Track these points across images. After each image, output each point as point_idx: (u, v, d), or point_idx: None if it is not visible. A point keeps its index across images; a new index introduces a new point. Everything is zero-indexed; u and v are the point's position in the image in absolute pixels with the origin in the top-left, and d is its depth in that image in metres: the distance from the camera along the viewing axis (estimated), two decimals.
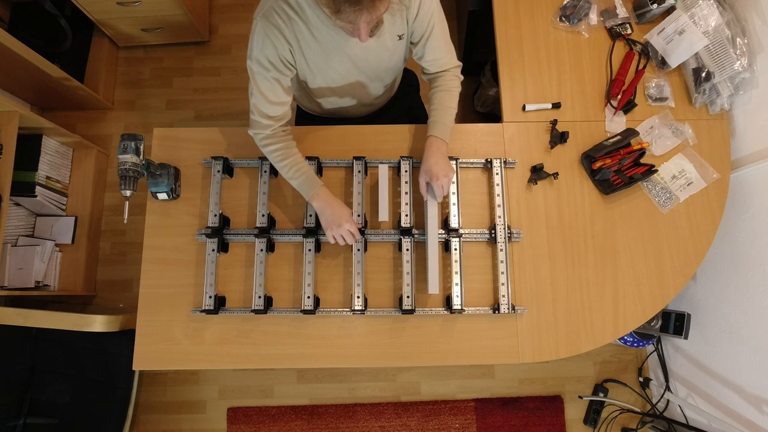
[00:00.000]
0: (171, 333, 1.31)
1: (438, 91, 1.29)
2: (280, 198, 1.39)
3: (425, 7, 1.12)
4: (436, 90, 1.30)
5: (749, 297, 1.51)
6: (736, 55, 1.39)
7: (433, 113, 1.29)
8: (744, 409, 1.57)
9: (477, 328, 1.32)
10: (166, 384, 2.10)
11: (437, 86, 1.30)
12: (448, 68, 1.29)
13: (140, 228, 1.37)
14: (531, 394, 2.10)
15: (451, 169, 1.26)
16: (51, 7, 1.95)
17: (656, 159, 1.44)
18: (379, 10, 0.92)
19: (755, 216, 1.47)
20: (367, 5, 0.89)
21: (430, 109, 1.30)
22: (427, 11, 1.14)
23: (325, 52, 1.13)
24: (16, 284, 1.90)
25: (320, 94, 1.30)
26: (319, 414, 2.05)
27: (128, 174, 1.14)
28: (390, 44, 1.18)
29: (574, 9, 1.51)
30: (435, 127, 1.27)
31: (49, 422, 1.79)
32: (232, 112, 2.33)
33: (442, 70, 1.29)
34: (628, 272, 1.37)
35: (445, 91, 1.29)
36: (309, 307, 1.28)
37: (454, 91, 1.30)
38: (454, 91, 1.29)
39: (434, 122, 1.27)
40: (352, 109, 1.42)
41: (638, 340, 1.88)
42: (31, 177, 1.91)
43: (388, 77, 1.33)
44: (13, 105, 1.72)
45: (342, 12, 0.90)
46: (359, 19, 0.92)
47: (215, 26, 2.42)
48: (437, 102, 1.29)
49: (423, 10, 1.12)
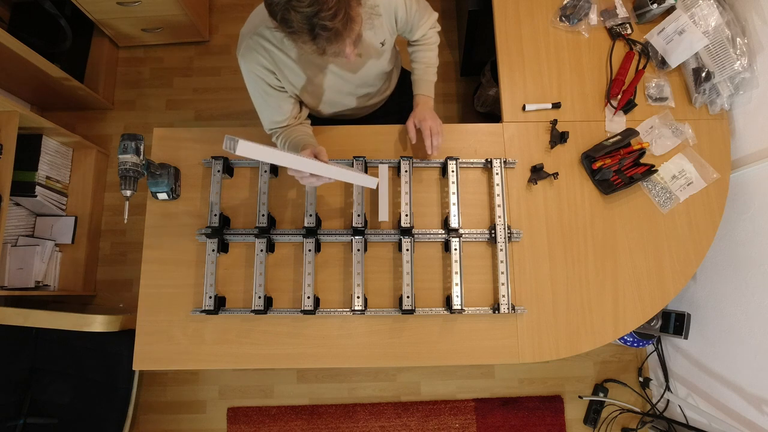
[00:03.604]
0: (171, 333, 1.31)
1: (420, 50, 1.34)
2: (280, 198, 1.39)
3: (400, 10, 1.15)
4: (417, 47, 1.34)
5: (749, 297, 1.51)
6: (736, 55, 1.39)
7: (418, 71, 1.35)
8: (744, 409, 1.57)
9: (477, 328, 1.32)
10: (166, 384, 2.10)
11: (420, 43, 1.33)
12: (426, 29, 1.32)
13: (140, 228, 1.37)
14: (531, 394, 2.10)
15: (437, 117, 1.32)
16: (51, 7, 1.94)
17: (656, 159, 1.44)
18: (355, 30, 0.92)
19: (755, 216, 1.47)
20: (344, 33, 0.89)
21: (414, 67, 1.36)
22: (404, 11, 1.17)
23: (308, 75, 1.17)
24: (16, 284, 1.90)
25: (314, 106, 1.32)
26: (319, 414, 2.05)
27: (128, 174, 1.14)
28: (372, 52, 1.19)
29: (574, 9, 1.51)
30: (421, 84, 1.35)
31: (49, 422, 1.80)
32: (232, 112, 2.33)
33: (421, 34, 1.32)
34: (628, 272, 1.37)
35: (427, 49, 1.34)
36: (309, 307, 1.28)
37: (435, 46, 1.35)
38: (434, 46, 1.35)
39: (420, 80, 1.35)
40: (351, 113, 1.43)
41: (638, 340, 1.88)
42: (31, 177, 1.91)
43: (379, 81, 1.34)
44: (13, 105, 1.72)
45: (327, 50, 0.92)
46: (343, 48, 0.93)
47: (215, 26, 2.42)
48: (420, 60, 1.35)
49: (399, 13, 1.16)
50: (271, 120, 1.24)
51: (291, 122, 1.26)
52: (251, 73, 1.14)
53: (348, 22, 0.88)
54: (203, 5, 2.32)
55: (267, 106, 1.22)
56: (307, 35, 0.87)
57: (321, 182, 1.12)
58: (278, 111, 1.22)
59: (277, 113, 1.23)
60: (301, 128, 1.27)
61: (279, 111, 1.22)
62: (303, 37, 0.88)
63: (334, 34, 0.87)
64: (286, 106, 1.22)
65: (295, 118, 1.26)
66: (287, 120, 1.24)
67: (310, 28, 0.85)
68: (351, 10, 0.87)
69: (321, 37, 0.87)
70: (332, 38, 0.88)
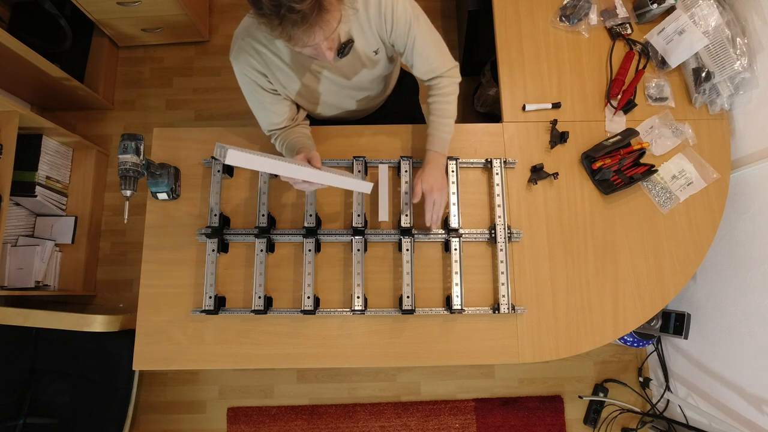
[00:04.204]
0: (171, 333, 1.31)
1: (435, 101, 1.25)
2: (280, 198, 1.39)
3: (400, 20, 1.08)
4: (432, 98, 1.26)
5: (749, 297, 1.51)
6: (736, 55, 1.39)
7: (431, 125, 1.27)
8: (744, 409, 1.57)
9: (477, 328, 1.32)
10: (166, 384, 2.10)
11: (433, 94, 1.26)
12: (441, 73, 1.24)
13: (140, 228, 1.37)
14: (531, 394, 2.10)
15: (446, 184, 1.27)
16: (51, 7, 1.94)
17: (656, 159, 1.44)
18: (331, 23, 0.88)
19: (755, 216, 1.47)
20: (313, 20, 0.84)
21: (429, 120, 1.28)
22: (403, 23, 1.09)
23: (301, 78, 1.15)
24: (16, 284, 1.90)
25: (311, 109, 1.32)
26: (319, 414, 2.05)
27: (128, 174, 1.14)
28: (366, 60, 1.16)
29: (574, 9, 1.51)
30: (433, 140, 1.25)
31: (49, 422, 1.80)
32: (232, 112, 2.33)
33: (435, 76, 1.25)
34: (628, 272, 1.37)
35: (441, 99, 1.25)
36: (309, 307, 1.28)
37: (451, 97, 1.25)
38: (450, 97, 1.25)
39: (432, 135, 1.26)
40: (349, 114, 1.42)
41: (638, 340, 1.88)
42: (31, 177, 1.91)
43: (375, 86, 1.31)
44: (13, 105, 1.72)
45: (294, 38, 0.87)
46: (313, 39, 0.88)
47: (215, 26, 2.43)
48: (435, 113, 1.26)
49: (398, 23, 1.09)
50: (267, 122, 1.24)
51: (288, 124, 1.25)
52: (243, 75, 1.13)
53: (319, 11, 0.84)
54: (203, 5, 2.32)
55: (261, 109, 1.21)
56: (275, 18, 0.82)
57: (314, 188, 1.11)
58: (273, 113, 1.21)
59: (273, 115, 1.21)
60: (299, 129, 1.27)
61: (274, 113, 1.21)
62: (272, 21, 0.83)
63: (302, 19, 0.82)
64: (280, 108, 1.21)
65: (292, 120, 1.26)
66: (284, 122, 1.23)
67: (277, 9, 0.81)
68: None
69: (288, 20, 0.82)
70: (299, 23, 0.83)
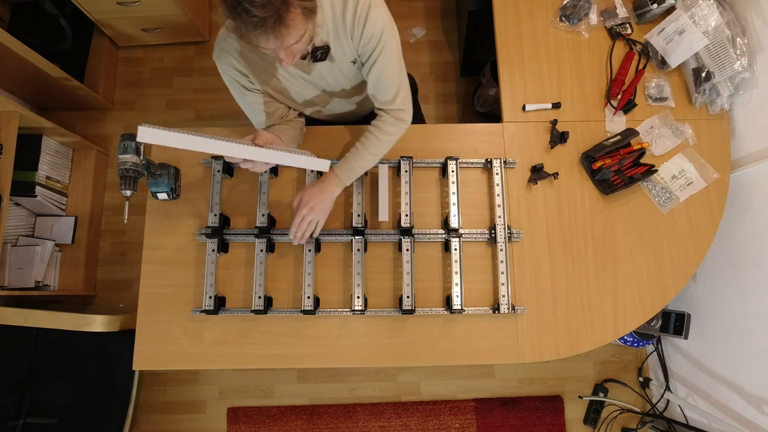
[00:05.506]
0: (171, 333, 1.31)
1: (371, 131, 1.18)
2: (280, 198, 1.39)
3: (368, 31, 1.02)
4: (371, 127, 1.18)
5: (749, 297, 1.51)
6: (736, 55, 1.39)
7: (352, 150, 1.19)
8: (744, 409, 1.57)
9: (477, 328, 1.32)
10: (166, 384, 2.10)
11: (374, 124, 1.18)
12: (386, 109, 1.16)
13: (140, 228, 1.37)
14: (531, 394, 2.10)
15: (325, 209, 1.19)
16: (51, 7, 1.94)
17: (656, 159, 1.44)
18: (287, 38, 0.86)
19: (755, 216, 1.47)
20: (273, 29, 0.83)
21: (355, 144, 1.20)
22: (370, 35, 1.03)
23: (280, 80, 1.14)
24: (16, 284, 1.90)
25: (299, 109, 1.30)
26: (319, 414, 2.05)
27: (128, 174, 1.14)
28: (345, 69, 1.13)
29: (574, 9, 1.51)
30: (342, 164, 1.19)
31: (49, 422, 1.80)
32: (232, 112, 2.33)
33: (380, 108, 1.17)
34: (628, 272, 1.37)
35: (377, 132, 1.17)
36: (309, 307, 1.28)
37: (386, 137, 1.17)
38: (386, 137, 1.16)
39: (346, 159, 1.20)
40: (349, 115, 1.41)
41: (638, 340, 1.88)
42: (31, 177, 1.91)
43: (362, 92, 1.28)
44: (13, 105, 1.72)
45: (248, 38, 0.86)
46: (267, 43, 0.86)
47: (215, 26, 2.42)
48: (363, 141, 1.18)
49: (366, 33, 1.02)
50: (256, 121, 1.23)
51: (277, 122, 1.24)
52: (226, 74, 1.13)
53: (278, 22, 0.82)
54: (203, 5, 2.32)
55: (247, 107, 1.20)
56: (230, 10, 0.82)
57: (260, 168, 1.07)
58: (259, 111, 1.20)
59: (260, 114, 1.20)
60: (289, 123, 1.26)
61: (260, 112, 1.20)
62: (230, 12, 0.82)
63: (259, 23, 0.81)
64: (266, 106, 1.20)
65: (281, 118, 1.25)
66: (272, 120, 1.22)
67: (234, 6, 0.80)
68: (286, 12, 0.82)
69: (241, 19, 0.81)
70: (255, 26, 0.82)
